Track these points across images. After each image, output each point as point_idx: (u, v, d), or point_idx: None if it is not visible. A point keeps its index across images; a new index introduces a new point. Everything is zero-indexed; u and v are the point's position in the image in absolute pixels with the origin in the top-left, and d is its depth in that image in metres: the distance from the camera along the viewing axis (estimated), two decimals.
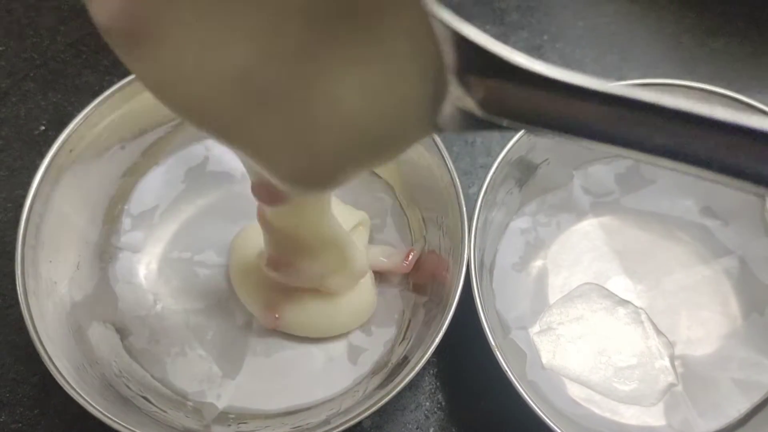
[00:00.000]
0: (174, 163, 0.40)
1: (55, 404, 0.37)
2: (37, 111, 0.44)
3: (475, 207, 0.34)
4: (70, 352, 0.33)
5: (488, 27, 0.48)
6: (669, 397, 0.37)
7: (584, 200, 0.40)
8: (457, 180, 0.34)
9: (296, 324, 0.37)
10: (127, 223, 0.38)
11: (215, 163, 0.40)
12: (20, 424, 0.36)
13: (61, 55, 0.46)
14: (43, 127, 0.44)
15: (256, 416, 0.35)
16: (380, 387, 0.33)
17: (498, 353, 0.32)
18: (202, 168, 0.40)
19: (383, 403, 0.30)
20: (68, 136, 0.34)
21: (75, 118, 0.35)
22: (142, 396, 0.34)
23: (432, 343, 0.31)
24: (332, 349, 0.37)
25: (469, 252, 0.33)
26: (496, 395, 0.35)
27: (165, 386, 0.35)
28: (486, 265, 0.37)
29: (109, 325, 0.36)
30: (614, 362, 0.38)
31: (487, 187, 0.35)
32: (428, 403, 0.38)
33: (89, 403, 0.30)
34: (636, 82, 0.37)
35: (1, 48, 0.46)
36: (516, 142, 0.35)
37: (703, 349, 0.38)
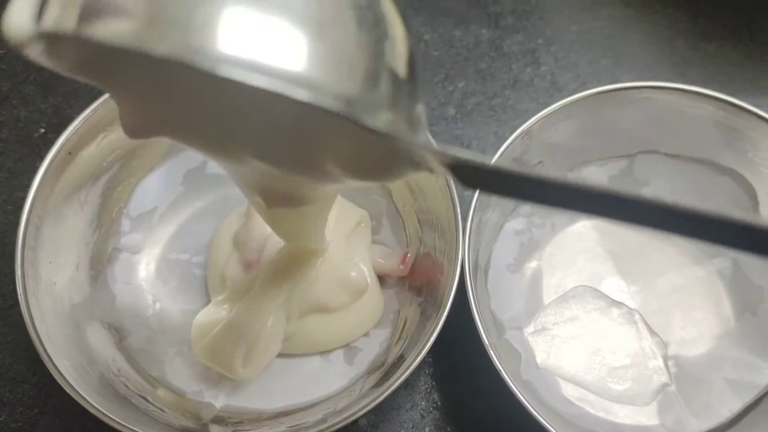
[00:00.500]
0: (173, 166, 0.40)
1: (55, 404, 0.37)
2: (36, 114, 0.45)
3: (469, 208, 0.35)
4: (70, 352, 0.33)
5: (483, 31, 0.48)
6: (662, 396, 0.37)
7: None
8: (453, 182, 0.35)
9: (300, 345, 0.37)
10: (126, 224, 0.39)
11: (214, 166, 0.40)
12: (20, 424, 0.37)
13: None
14: (43, 130, 0.44)
15: (253, 415, 0.36)
16: (376, 386, 0.34)
17: (492, 353, 0.32)
18: (201, 170, 0.41)
19: (379, 401, 0.31)
20: (67, 139, 0.35)
21: (74, 121, 0.35)
22: (141, 395, 0.34)
23: (427, 343, 0.31)
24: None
25: (463, 253, 0.33)
26: (491, 395, 0.36)
27: (163, 386, 0.36)
28: (481, 266, 0.38)
29: (108, 325, 0.37)
30: (608, 362, 0.38)
31: None
32: (424, 403, 0.38)
33: (89, 402, 0.30)
34: (629, 85, 0.37)
35: (1, 51, 0.47)
36: (510, 144, 0.36)
37: (696, 350, 0.38)
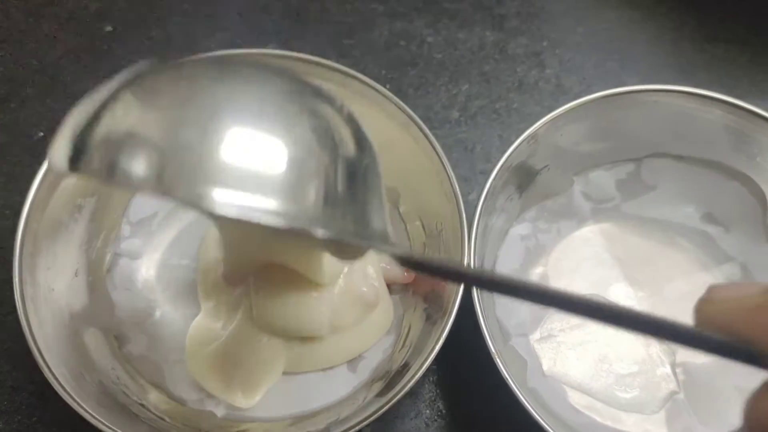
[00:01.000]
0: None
1: (53, 412, 0.36)
2: (35, 117, 0.44)
3: (474, 213, 0.34)
4: (68, 359, 0.33)
5: (488, 33, 0.48)
6: (671, 404, 0.37)
7: (585, 206, 0.40)
8: (457, 187, 0.34)
9: (307, 364, 0.37)
10: (125, 230, 0.38)
11: None
12: None
13: (60, 62, 0.46)
14: (42, 134, 0.44)
15: (255, 425, 0.35)
16: (380, 395, 0.33)
17: (498, 360, 0.31)
18: None
19: (383, 411, 0.30)
20: None
21: None
22: (140, 404, 0.34)
23: (432, 351, 0.31)
24: None
25: (468, 259, 0.33)
26: (497, 403, 0.35)
27: (163, 394, 0.35)
28: None
29: (107, 332, 0.36)
30: (615, 369, 0.37)
31: (486, 194, 0.35)
32: (428, 411, 0.37)
33: (87, 411, 0.30)
34: (637, 88, 0.36)
35: (0, 54, 0.46)
36: (516, 148, 0.35)
37: (704, 357, 0.38)
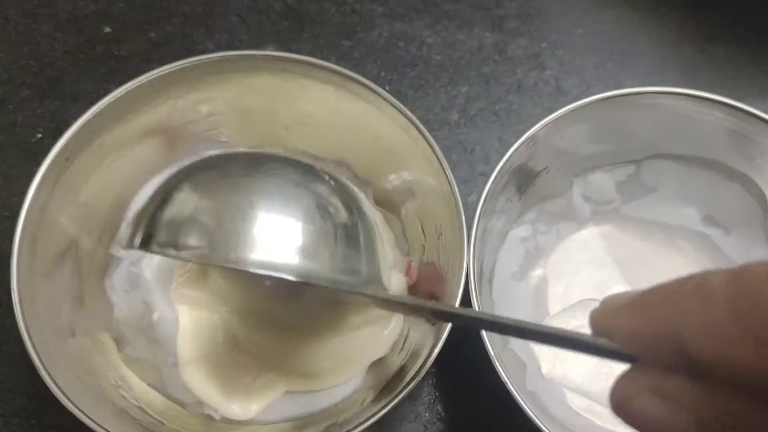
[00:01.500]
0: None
1: (51, 415, 0.36)
2: (33, 119, 0.44)
3: (474, 215, 0.34)
4: (66, 362, 0.32)
5: (487, 34, 0.47)
6: None
7: (584, 208, 0.40)
8: (456, 189, 0.34)
9: (316, 382, 0.36)
10: (125, 232, 0.38)
11: None
12: None
13: (58, 63, 0.46)
14: (40, 135, 0.44)
15: (253, 428, 0.35)
16: (379, 398, 0.33)
17: (497, 363, 0.31)
18: None
19: (382, 414, 0.30)
20: (65, 145, 0.34)
21: (72, 126, 0.34)
22: (139, 407, 0.34)
23: (431, 354, 0.31)
24: None
25: (468, 261, 0.33)
26: (496, 405, 0.35)
27: (162, 396, 0.35)
28: (485, 274, 0.37)
29: (106, 334, 0.36)
30: (615, 372, 0.37)
31: (486, 196, 0.34)
32: (427, 414, 0.37)
33: (85, 415, 0.29)
34: (637, 90, 0.36)
35: None
36: (515, 150, 0.35)
37: None
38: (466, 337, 0.32)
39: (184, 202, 0.28)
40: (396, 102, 0.35)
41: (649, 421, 0.18)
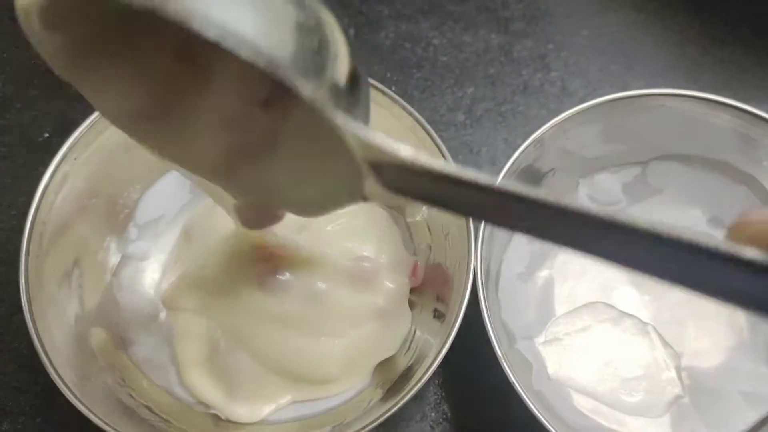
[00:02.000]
0: (180, 174, 0.39)
1: (58, 413, 0.36)
2: (41, 118, 0.44)
3: None
4: (74, 360, 0.33)
5: (493, 36, 0.47)
6: (676, 408, 0.36)
7: None
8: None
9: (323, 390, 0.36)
10: (133, 232, 0.38)
11: None
12: None
13: None
14: (47, 134, 0.44)
15: (259, 428, 0.35)
16: (385, 398, 0.33)
17: (504, 363, 0.31)
18: None
19: (389, 414, 0.30)
20: (73, 144, 0.34)
21: (80, 126, 0.34)
22: (146, 406, 0.34)
23: (438, 355, 0.31)
24: None
25: (475, 263, 0.33)
26: (502, 406, 0.35)
27: (168, 396, 0.35)
28: (492, 275, 0.37)
29: (113, 333, 0.36)
30: (621, 373, 0.37)
31: None
32: (433, 414, 0.37)
33: (92, 413, 0.30)
34: (644, 92, 0.36)
35: (5, 54, 0.46)
36: (522, 151, 0.35)
37: (709, 361, 0.38)
38: (473, 336, 0.32)
39: None
40: (403, 103, 0.36)
41: None
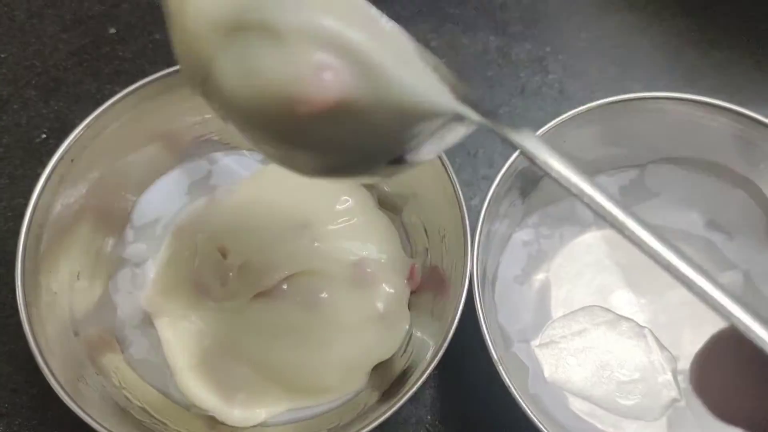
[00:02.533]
0: (178, 176, 0.39)
1: (54, 415, 0.36)
2: (38, 119, 0.44)
3: (478, 219, 0.34)
4: (70, 362, 0.33)
5: (491, 38, 0.47)
6: (672, 412, 0.36)
7: (587, 212, 0.40)
8: (461, 193, 0.34)
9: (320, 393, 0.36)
10: (129, 234, 0.38)
11: (219, 177, 0.40)
12: None
13: (63, 63, 0.46)
14: (44, 135, 0.44)
15: (257, 430, 0.35)
16: (381, 400, 0.33)
17: (501, 367, 0.31)
18: (206, 181, 0.40)
19: (385, 417, 0.30)
20: (70, 146, 0.34)
21: (77, 128, 0.34)
22: (143, 408, 0.34)
23: (434, 358, 0.31)
24: None
25: (471, 266, 0.33)
26: (498, 409, 0.35)
27: (165, 398, 0.35)
28: (488, 278, 0.37)
29: (110, 335, 0.36)
30: (617, 377, 0.37)
31: (490, 200, 0.34)
32: (429, 417, 0.37)
33: (88, 416, 0.30)
34: (642, 95, 0.36)
35: (2, 55, 0.46)
36: (519, 153, 0.35)
37: None
38: (469, 339, 0.32)
39: None
40: None
41: None
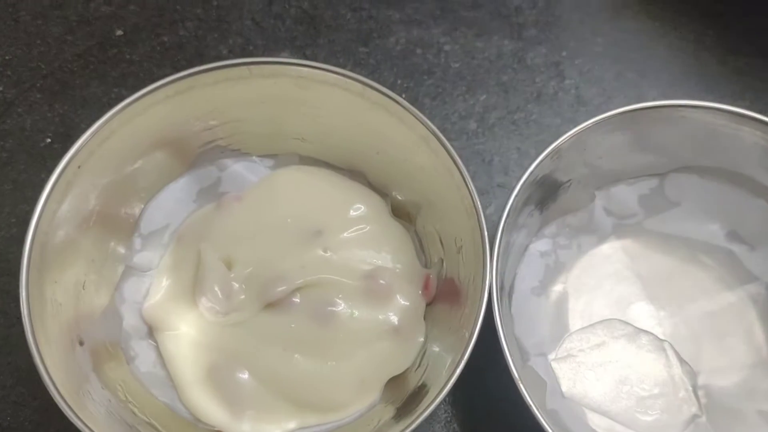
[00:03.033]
0: (186, 183, 0.38)
1: (57, 429, 0.36)
2: (42, 123, 0.43)
3: (497, 230, 0.33)
4: (74, 375, 0.31)
5: (506, 42, 0.46)
6: (692, 428, 0.36)
7: (606, 222, 0.39)
8: (478, 202, 0.33)
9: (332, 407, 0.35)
10: (137, 242, 0.37)
11: (228, 184, 0.39)
12: None
13: (69, 66, 0.45)
14: (49, 140, 0.43)
15: None
16: (396, 416, 0.32)
17: (520, 384, 0.30)
18: (215, 188, 0.39)
19: None
20: (76, 152, 0.33)
21: (84, 133, 0.33)
22: (149, 423, 0.33)
23: (453, 375, 0.30)
24: None
25: (491, 279, 0.32)
26: (515, 425, 0.34)
27: (173, 412, 0.34)
28: (505, 289, 0.36)
29: (115, 347, 0.35)
30: (636, 391, 0.36)
31: (509, 211, 0.33)
32: None
33: (90, 430, 0.29)
34: (663, 103, 0.35)
35: (7, 57, 0.45)
36: (540, 162, 0.34)
37: (727, 379, 0.37)
38: (485, 353, 0.31)
39: None
40: (417, 112, 0.34)
41: None
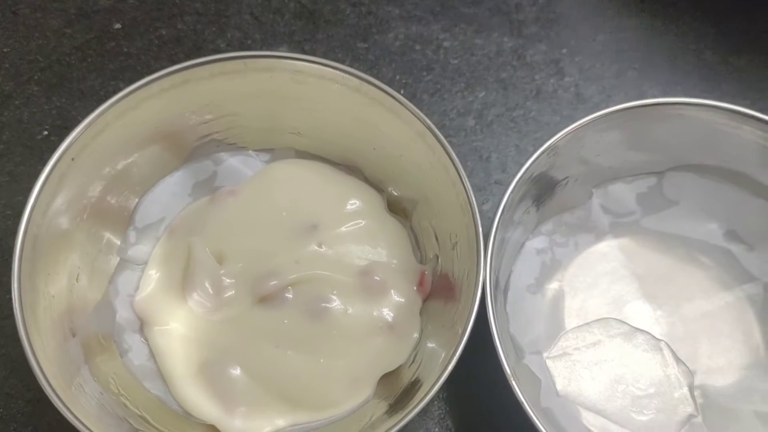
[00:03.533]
0: (181, 177, 0.38)
1: (50, 421, 0.35)
2: (40, 115, 0.43)
3: (491, 226, 0.33)
4: (67, 367, 0.31)
5: (506, 39, 0.46)
6: (688, 428, 0.35)
7: (603, 220, 0.39)
8: (474, 199, 0.33)
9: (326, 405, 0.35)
10: (131, 236, 0.37)
11: (224, 178, 0.39)
12: None
13: (67, 59, 0.45)
14: (46, 132, 0.43)
15: None
16: (389, 412, 0.32)
17: (513, 382, 0.30)
18: (210, 182, 0.39)
19: (395, 431, 0.29)
20: (70, 144, 0.33)
21: (78, 126, 0.33)
22: (141, 416, 0.32)
23: (445, 371, 0.29)
24: None
25: (484, 275, 0.31)
26: (508, 422, 0.34)
27: (165, 406, 0.34)
28: (500, 286, 0.36)
29: (108, 340, 0.35)
30: (632, 391, 0.36)
31: (504, 206, 0.33)
32: (437, 429, 0.36)
33: (82, 424, 0.28)
34: (662, 100, 0.35)
35: (5, 49, 0.45)
36: (536, 159, 0.34)
37: (724, 379, 0.37)
38: (479, 350, 0.31)
39: None
40: (413, 108, 0.34)
41: None
